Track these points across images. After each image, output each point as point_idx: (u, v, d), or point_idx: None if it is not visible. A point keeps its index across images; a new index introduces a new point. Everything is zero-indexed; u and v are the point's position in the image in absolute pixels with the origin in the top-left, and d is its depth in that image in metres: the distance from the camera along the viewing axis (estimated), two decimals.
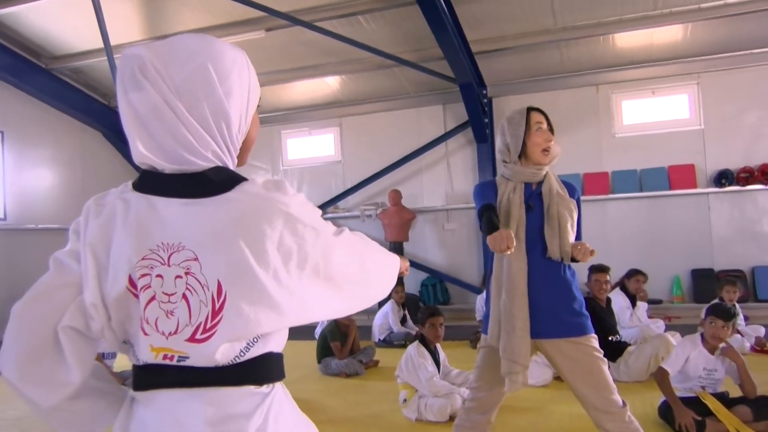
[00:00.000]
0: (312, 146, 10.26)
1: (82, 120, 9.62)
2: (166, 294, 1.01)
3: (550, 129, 2.55)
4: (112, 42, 7.69)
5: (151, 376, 1.05)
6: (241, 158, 1.17)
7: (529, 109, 2.58)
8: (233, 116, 1.08)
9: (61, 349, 1.03)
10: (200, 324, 1.01)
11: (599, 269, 5.35)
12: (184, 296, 1.01)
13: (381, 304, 7.50)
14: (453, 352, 5.01)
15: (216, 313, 1.00)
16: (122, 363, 5.29)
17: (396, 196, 9.01)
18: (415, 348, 4.25)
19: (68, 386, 1.05)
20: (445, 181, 9.47)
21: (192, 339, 1.01)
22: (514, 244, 2.14)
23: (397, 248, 8.72)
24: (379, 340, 7.02)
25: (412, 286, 8.91)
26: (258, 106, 1.19)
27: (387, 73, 8.90)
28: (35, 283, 1.06)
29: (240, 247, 1.00)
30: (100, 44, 7.65)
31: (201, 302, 1.01)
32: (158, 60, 1.03)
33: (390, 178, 9.53)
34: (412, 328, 7.13)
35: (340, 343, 5.73)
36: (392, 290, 5.48)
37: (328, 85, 9.39)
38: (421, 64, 8.13)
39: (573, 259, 2.47)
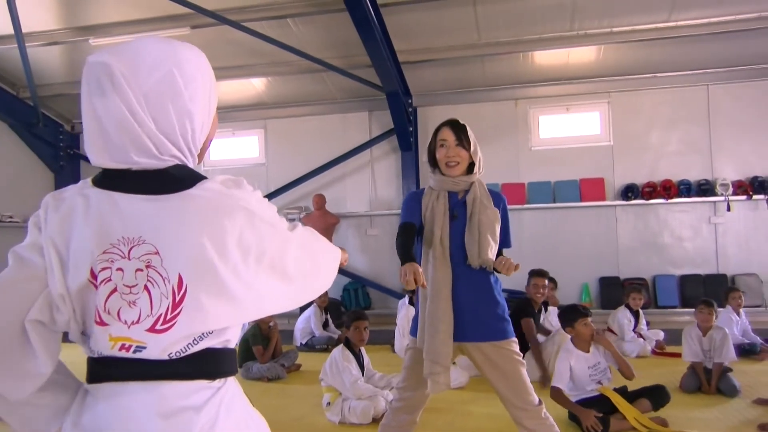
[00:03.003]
0: (235, 147, 10.09)
1: None
2: (127, 286, 1.03)
3: (462, 143, 2.59)
4: (24, 29, 7.30)
5: (105, 369, 1.06)
6: (200, 157, 1.20)
7: (441, 126, 2.67)
8: (197, 118, 1.12)
9: (27, 341, 1.03)
10: (161, 315, 1.03)
11: (537, 273, 5.55)
12: (146, 288, 1.03)
13: (303, 308, 7.48)
14: (374, 356, 5.08)
15: (176, 305, 1.03)
16: None
17: (320, 200, 9.01)
18: (339, 351, 4.29)
19: (39, 377, 1.05)
20: (369, 187, 9.57)
21: (152, 329, 1.03)
22: (421, 279, 2.24)
23: None
24: (301, 344, 7.00)
25: (334, 291, 8.94)
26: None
27: (314, 78, 8.90)
28: None
29: (202, 242, 1.03)
30: (10, 30, 7.23)
31: (162, 294, 1.03)
32: (125, 67, 1.04)
33: (314, 182, 9.52)
34: (335, 332, 7.16)
35: (263, 347, 5.68)
36: None
37: (254, 86, 9.29)
38: (349, 71, 8.20)
39: (496, 271, 2.59)
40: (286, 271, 1.15)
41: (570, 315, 4.07)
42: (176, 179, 1.07)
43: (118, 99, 1.03)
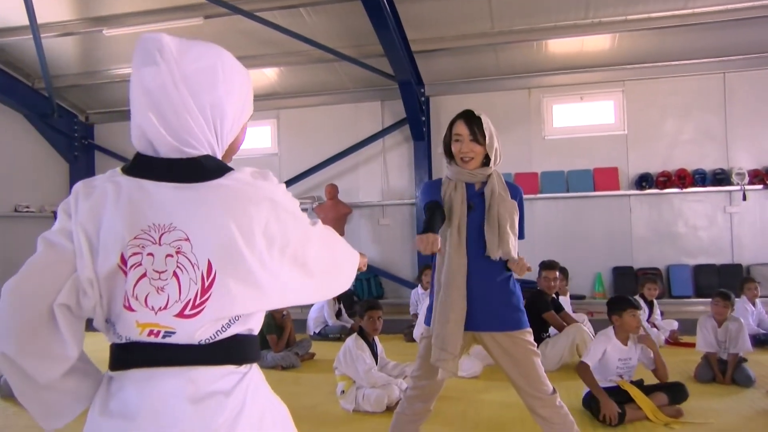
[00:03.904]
0: (248, 138, 10.05)
1: (2, 101, 9.12)
2: (157, 271, 1.06)
3: (476, 138, 2.57)
4: (39, 20, 7.36)
5: (133, 354, 1.08)
6: (225, 160, 1.22)
7: (456, 119, 2.64)
8: (228, 115, 1.16)
9: (56, 324, 1.05)
10: (189, 300, 1.06)
11: (548, 266, 5.53)
12: (175, 274, 1.06)
13: None
14: (387, 345, 5.10)
15: (205, 290, 1.06)
16: None
17: (332, 190, 9.03)
18: (353, 340, 4.31)
19: (67, 360, 1.08)
20: (382, 177, 9.57)
21: (181, 314, 1.06)
22: (439, 247, 2.27)
23: None
24: (315, 333, 7.04)
25: None
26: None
27: (327, 67, 8.90)
28: (26, 262, 1.08)
29: (230, 229, 1.06)
30: (25, 21, 7.30)
31: (191, 280, 1.05)
32: (175, 47, 1.10)
33: (327, 172, 9.54)
34: (347, 322, 7.19)
35: (276, 336, 5.72)
36: None
37: (266, 76, 9.30)
38: (361, 60, 8.18)
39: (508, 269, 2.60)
40: (307, 264, 1.18)
41: (620, 304, 4.03)
42: (206, 168, 1.11)
43: (166, 69, 1.08)
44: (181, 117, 1.09)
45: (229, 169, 1.13)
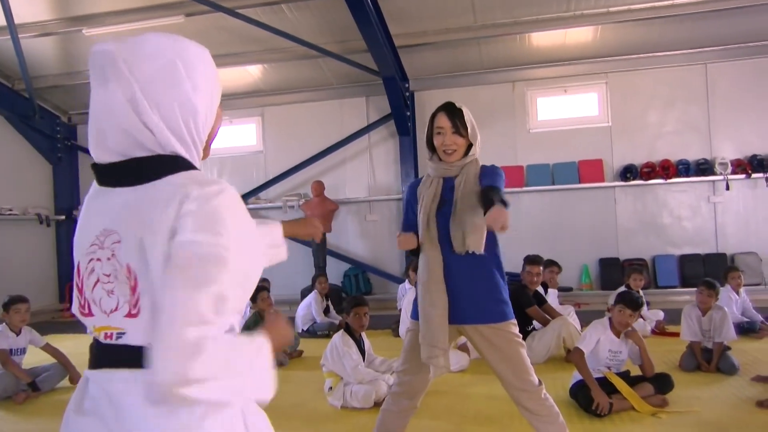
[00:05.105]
0: (233, 136, 10.06)
1: None
2: (106, 275, 1.07)
3: (459, 130, 2.55)
4: (17, 20, 7.28)
5: (98, 356, 1.11)
6: (205, 151, 1.20)
7: (437, 112, 2.62)
8: (201, 109, 1.13)
9: None
10: (130, 301, 1.05)
11: (531, 261, 5.53)
12: (117, 276, 1.06)
13: (304, 294, 7.50)
14: (375, 340, 5.09)
15: (133, 290, 1.04)
16: (31, 360, 5.05)
17: (319, 187, 9.01)
18: (340, 337, 4.30)
19: None
20: (368, 172, 9.56)
21: (129, 314, 1.05)
22: (415, 243, 2.32)
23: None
24: (303, 330, 7.02)
25: (335, 277, 8.95)
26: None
27: (310, 64, 8.86)
28: None
29: (141, 236, 1.03)
30: (3, 22, 7.21)
31: (127, 279, 1.05)
32: (128, 54, 1.06)
33: (313, 169, 9.52)
34: (335, 318, 7.18)
35: None
36: (316, 281, 5.40)
37: (250, 73, 9.25)
38: (345, 56, 8.16)
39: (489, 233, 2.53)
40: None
41: (618, 297, 4.08)
42: (146, 170, 1.08)
43: (119, 89, 1.05)
44: (138, 135, 1.06)
45: (172, 172, 1.08)
